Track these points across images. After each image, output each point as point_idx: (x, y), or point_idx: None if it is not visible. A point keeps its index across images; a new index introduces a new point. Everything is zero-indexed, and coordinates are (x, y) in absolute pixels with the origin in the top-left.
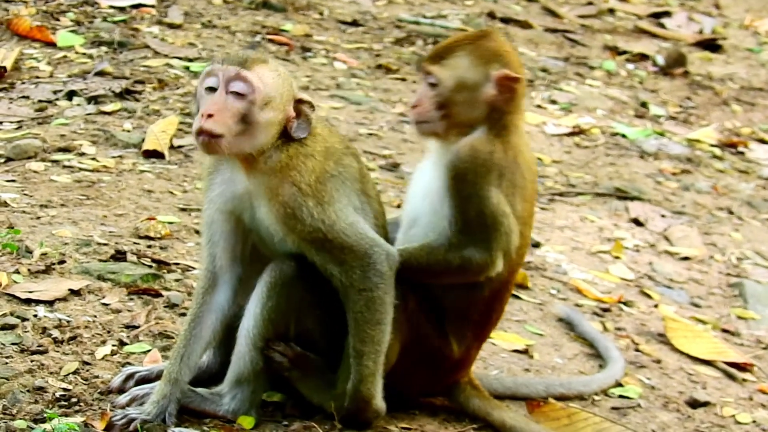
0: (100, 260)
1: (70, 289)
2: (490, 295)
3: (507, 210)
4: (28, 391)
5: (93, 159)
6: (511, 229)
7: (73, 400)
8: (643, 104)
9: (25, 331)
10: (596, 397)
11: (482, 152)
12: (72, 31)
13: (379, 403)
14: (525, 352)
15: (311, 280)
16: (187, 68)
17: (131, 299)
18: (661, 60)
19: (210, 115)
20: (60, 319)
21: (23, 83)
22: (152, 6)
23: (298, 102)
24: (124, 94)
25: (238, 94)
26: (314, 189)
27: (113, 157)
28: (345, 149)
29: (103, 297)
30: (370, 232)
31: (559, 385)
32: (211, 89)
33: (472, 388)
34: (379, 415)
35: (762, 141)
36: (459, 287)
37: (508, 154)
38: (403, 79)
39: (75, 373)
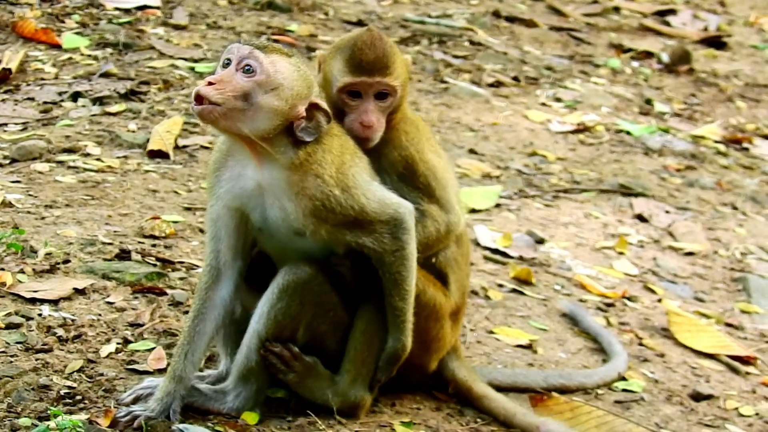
0: (105, 259)
1: (74, 288)
2: (465, 244)
3: (445, 164)
4: (32, 389)
5: (98, 159)
6: (455, 179)
7: (78, 397)
8: (648, 101)
9: (30, 330)
10: (600, 391)
11: (411, 135)
12: (77, 33)
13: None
14: (529, 347)
15: (326, 286)
16: (192, 69)
17: (136, 298)
18: (666, 57)
19: (211, 83)
20: (65, 318)
21: (28, 85)
22: (157, 7)
23: (314, 106)
24: (129, 95)
25: (247, 72)
26: (336, 179)
27: (118, 157)
28: (356, 147)
29: (108, 296)
30: (392, 196)
31: (559, 376)
32: (227, 64)
33: (460, 358)
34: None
35: (766, 137)
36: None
37: (417, 123)
38: (408, 78)
39: (79, 371)
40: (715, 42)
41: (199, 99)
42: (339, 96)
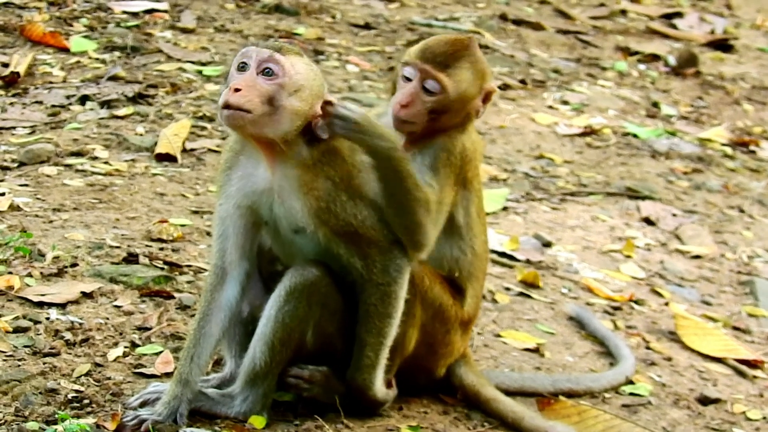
0: (113, 263)
1: (82, 292)
2: (484, 260)
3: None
4: (40, 393)
5: (106, 163)
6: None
7: (85, 401)
8: (655, 104)
9: (38, 334)
10: (607, 395)
11: (468, 149)
12: (85, 37)
13: (379, 393)
14: (536, 350)
15: (333, 287)
16: (200, 72)
17: (143, 301)
18: (672, 60)
19: (237, 90)
20: (72, 322)
21: (36, 88)
22: (165, 11)
23: (327, 103)
24: (137, 99)
25: (269, 75)
26: (346, 183)
27: (126, 160)
28: None
29: (115, 299)
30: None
31: (567, 380)
32: (243, 68)
33: (469, 364)
34: (383, 404)
35: None
36: (468, 252)
37: (475, 141)
38: (480, 100)
39: (87, 374)
40: (722, 45)
41: (227, 107)
42: (398, 74)
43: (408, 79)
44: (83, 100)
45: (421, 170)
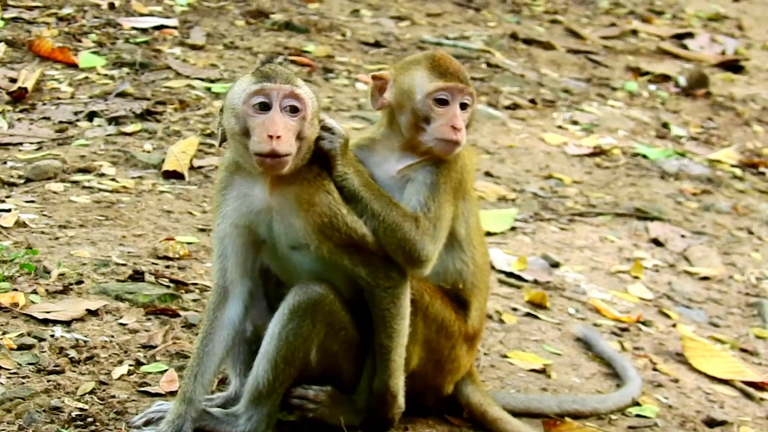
0: (118, 280)
1: (87, 309)
2: (486, 272)
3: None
4: (44, 410)
5: (113, 180)
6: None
7: (89, 419)
8: (665, 125)
9: (42, 351)
10: (613, 417)
11: (467, 162)
12: (94, 53)
13: (401, 399)
14: (543, 371)
15: (337, 305)
16: (209, 89)
17: (149, 319)
18: (683, 81)
19: (279, 137)
20: (77, 339)
21: (44, 104)
22: (174, 27)
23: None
24: (145, 115)
25: (293, 111)
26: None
27: (133, 177)
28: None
29: (121, 317)
30: None
31: (573, 401)
32: (263, 107)
33: (475, 383)
34: (400, 412)
35: None
36: (470, 263)
37: (470, 151)
38: None
39: (91, 393)
40: (733, 66)
41: (272, 155)
42: (426, 103)
43: (443, 104)
44: (91, 116)
45: (420, 188)
